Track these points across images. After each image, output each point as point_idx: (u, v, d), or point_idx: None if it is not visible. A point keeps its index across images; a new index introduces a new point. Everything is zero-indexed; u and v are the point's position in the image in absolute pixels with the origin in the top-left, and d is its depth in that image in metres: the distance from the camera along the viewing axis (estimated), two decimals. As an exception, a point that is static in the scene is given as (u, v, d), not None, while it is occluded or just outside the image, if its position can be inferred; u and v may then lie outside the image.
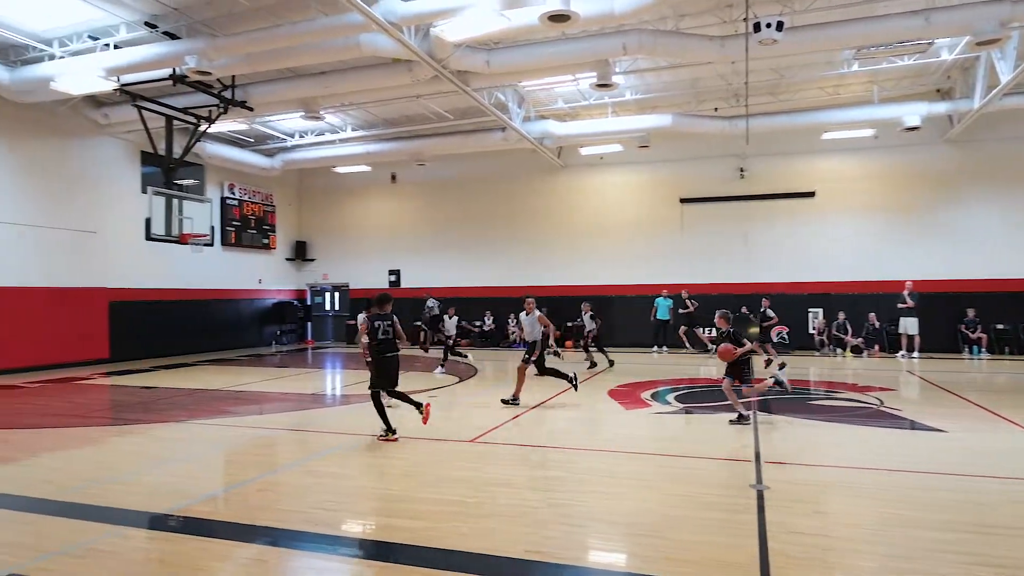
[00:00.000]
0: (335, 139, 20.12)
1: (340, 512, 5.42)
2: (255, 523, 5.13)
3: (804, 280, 19.17)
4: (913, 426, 8.36)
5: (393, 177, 23.62)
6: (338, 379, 14.85)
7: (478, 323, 21.98)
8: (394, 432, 8.00)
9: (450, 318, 15.20)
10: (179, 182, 15.85)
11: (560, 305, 20.33)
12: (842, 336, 18.12)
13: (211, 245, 16.45)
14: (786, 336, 18.17)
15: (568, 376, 10.33)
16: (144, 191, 16.27)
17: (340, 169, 22.27)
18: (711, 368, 15.06)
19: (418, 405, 8.23)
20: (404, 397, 8.33)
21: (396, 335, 8.24)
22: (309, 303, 24.75)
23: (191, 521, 5.21)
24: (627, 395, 11.26)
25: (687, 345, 18.84)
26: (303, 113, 16.16)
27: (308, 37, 11.50)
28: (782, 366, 10.11)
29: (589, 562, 4.47)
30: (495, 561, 4.40)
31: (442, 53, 12.47)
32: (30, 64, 13.56)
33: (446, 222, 22.86)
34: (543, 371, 10.40)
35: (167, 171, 15.03)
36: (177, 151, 15.38)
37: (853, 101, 17.36)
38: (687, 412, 9.76)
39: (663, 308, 19.00)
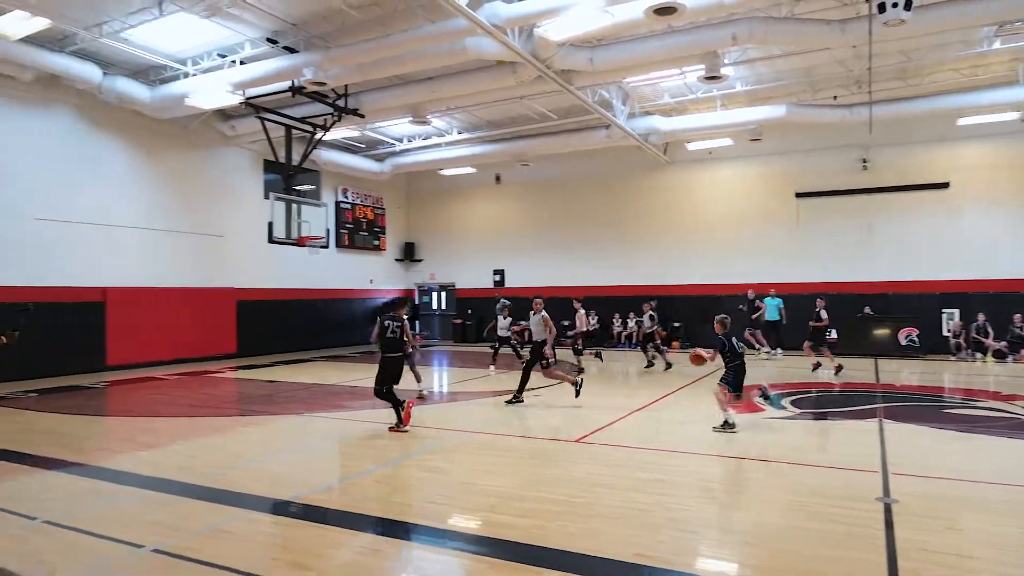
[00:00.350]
0: (441, 142, 20.64)
1: (450, 507, 5.54)
2: (369, 513, 5.34)
3: (936, 279, 17.74)
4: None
5: (497, 178, 23.94)
6: (444, 376, 15.21)
7: (592, 324, 21.81)
8: (403, 425, 8.52)
9: (504, 318, 15.12)
10: (297, 188, 16.76)
11: (669, 305, 19.88)
12: (982, 339, 16.58)
13: (326, 247, 17.30)
14: (916, 339, 16.88)
15: (575, 382, 10.33)
16: (266, 197, 17.36)
17: (446, 171, 22.81)
18: (830, 372, 14.24)
19: (399, 404, 8.59)
20: (392, 398, 8.70)
21: (404, 336, 8.74)
22: (417, 302, 25.52)
23: (310, 508, 5.49)
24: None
25: (755, 347, 17.74)
26: (411, 118, 16.70)
27: (415, 44, 11.85)
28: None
29: (702, 570, 4.32)
30: (603, 563, 4.35)
31: (545, 53, 12.49)
32: (167, 83, 14.78)
33: (550, 221, 22.91)
34: (527, 371, 10.51)
35: (287, 177, 15.95)
36: (295, 159, 16.29)
37: (994, 82, 15.86)
38: (805, 417, 9.28)
39: (771, 308, 18.17)
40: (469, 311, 23.87)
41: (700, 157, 20.48)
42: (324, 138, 16.91)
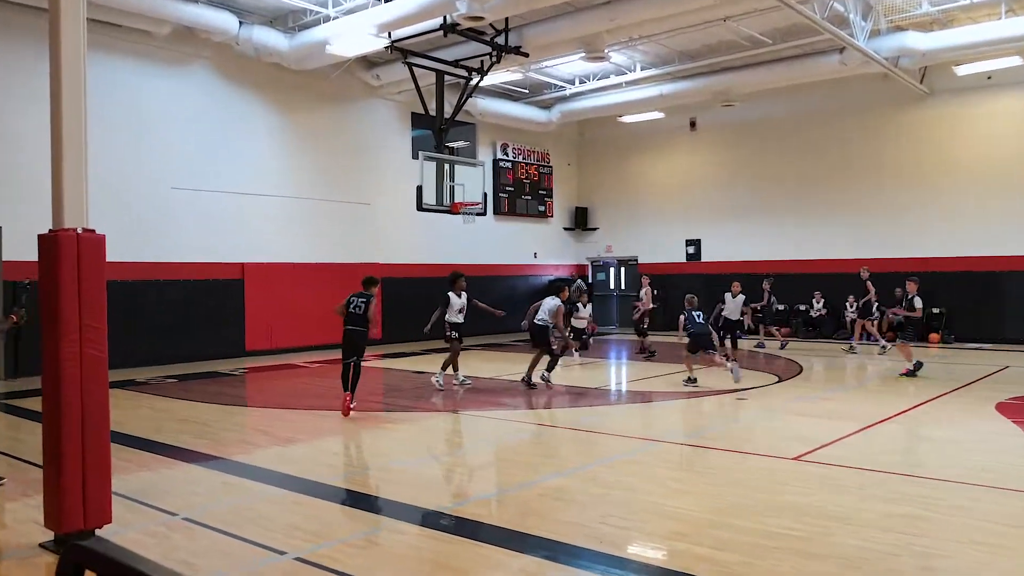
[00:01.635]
0: (621, 82, 20.43)
1: (630, 531, 5.50)
2: (532, 532, 5.43)
3: None
4: None
5: (692, 124, 23.31)
6: (624, 371, 15.17)
7: (803, 306, 20.81)
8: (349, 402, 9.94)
9: (584, 306, 15.31)
10: (450, 144, 17.38)
11: (932, 284, 18.22)
12: None
13: (483, 214, 17.77)
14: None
15: (539, 378, 12.35)
16: (415, 156, 18.18)
17: (627, 118, 22.58)
18: None
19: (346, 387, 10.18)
20: (352, 377, 10.33)
21: (367, 314, 10.54)
22: (591, 280, 25.64)
23: (464, 522, 5.69)
24: (1027, 412, 9.86)
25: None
26: (584, 54, 16.65)
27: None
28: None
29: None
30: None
31: (756, -43, 11.88)
32: (306, 28, 15.90)
33: (759, 178, 21.93)
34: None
35: (438, 133, 16.59)
36: (447, 110, 16.89)
37: None
38: None
39: None
40: (656, 292, 23.53)
41: (974, 84, 18.49)
42: (481, 84, 17.37)
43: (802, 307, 20.88)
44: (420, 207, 16.05)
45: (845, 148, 20.52)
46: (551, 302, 12.73)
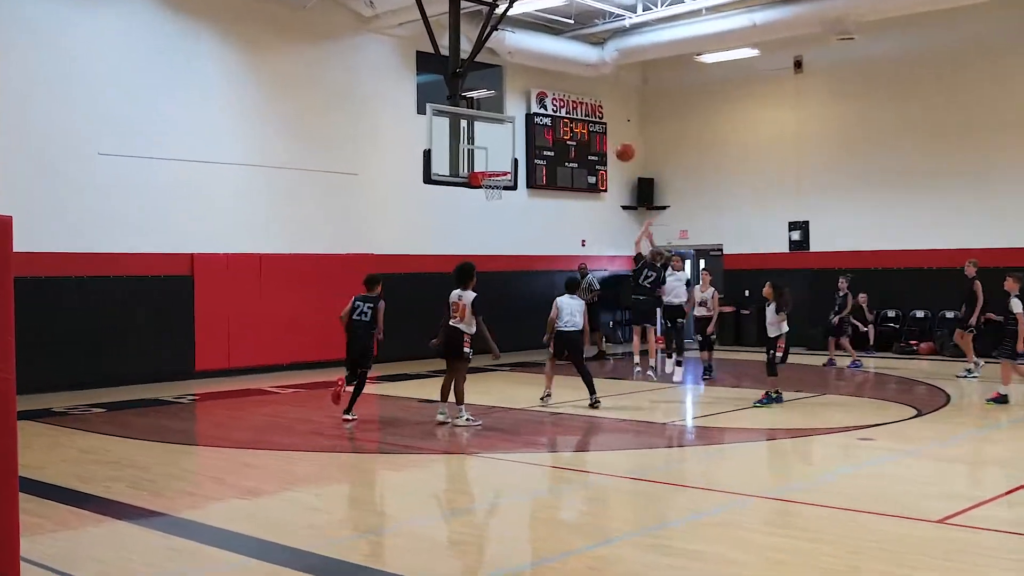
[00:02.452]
0: (701, 7, 20.30)
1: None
2: (581, 618, 5.41)
3: None
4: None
5: (797, 64, 23.14)
6: (702, 401, 15.06)
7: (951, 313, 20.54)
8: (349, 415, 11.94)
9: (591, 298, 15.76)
10: (469, 94, 17.30)
11: None
12: None
13: (512, 188, 17.63)
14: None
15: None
16: (421, 111, 18.18)
17: (708, 57, 22.44)
18: None
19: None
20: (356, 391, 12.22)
21: (374, 321, 12.14)
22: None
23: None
24: None
25: None
26: (648, -31, 16.56)
27: None
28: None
29: None
30: None
31: None
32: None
33: (891, 137, 21.70)
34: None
35: (452, 78, 16.56)
36: (465, 48, 16.84)
37: None
38: None
39: None
40: (747, 293, 23.39)
41: None
42: (511, 11, 17.28)
43: (950, 314, 20.59)
44: (428, 178, 16.01)
45: (1005, 97, 20.21)
46: (576, 302, 13.65)
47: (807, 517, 7.66)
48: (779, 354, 13.11)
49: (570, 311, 13.35)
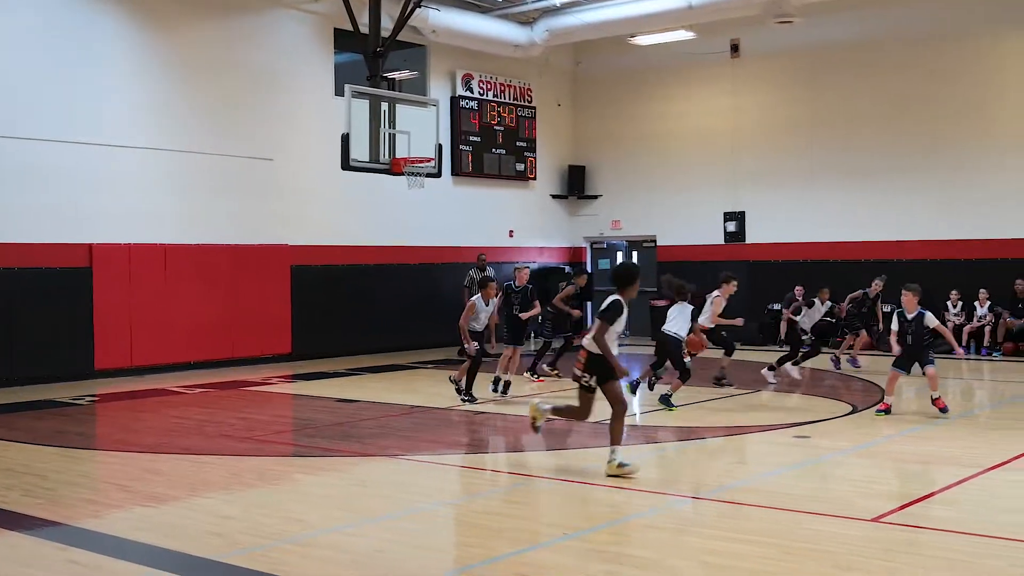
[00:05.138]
0: (633, -13, 20.47)
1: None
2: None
3: None
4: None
5: (734, 48, 23.44)
6: (636, 397, 15.22)
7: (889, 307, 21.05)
8: None
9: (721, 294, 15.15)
10: (390, 75, 17.21)
11: None
12: None
13: (436, 175, 17.67)
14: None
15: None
16: (339, 93, 18.04)
17: (642, 39, 22.62)
18: None
19: None
20: None
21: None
22: (590, 269, 25.66)
23: (412, 614, 5.69)
24: None
25: None
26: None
27: None
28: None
29: None
30: None
31: None
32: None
33: (831, 126, 22.14)
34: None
35: (372, 58, 16.48)
36: (387, 26, 16.74)
37: None
38: None
39: None
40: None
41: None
42: (434, -12, 17.24)
43: (887, 309, 21.09)
44: (347, 164, 15.95)
45: (945, 86, 20.79)
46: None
47: (742, 517, 7.78)
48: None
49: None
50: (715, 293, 14.67)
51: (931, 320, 12.21)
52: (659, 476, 9.71)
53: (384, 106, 16.24)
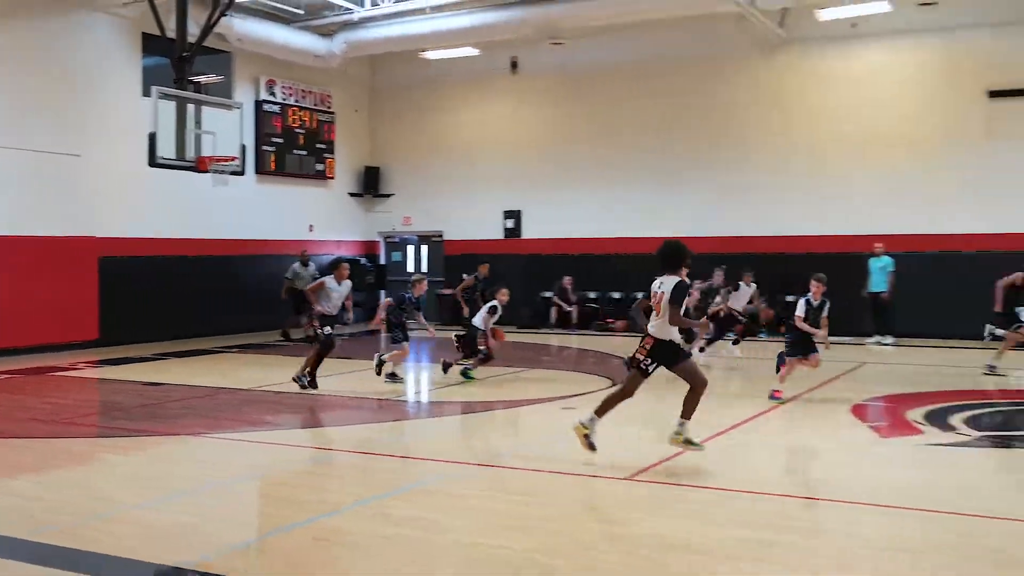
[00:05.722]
0: (425, 6, 20.41)
1: (431, 580, 5.57)
2: (305, 589, 5.37)
3: None
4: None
5: (514, 65, 23.75)
6: (425, 377, 15.26)
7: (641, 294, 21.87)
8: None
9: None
10: (197, 79, 16.61)
11: (787, 267, 19.66)
12: None
13: (240, 173, 17.24)
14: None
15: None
16: (147, 93, 17.29)
17: (432, 54, 22.64)
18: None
19: None
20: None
21: None
22: (384, 261, 25.55)
23: (213, 581, 5.52)
24: (884, 414, 11.08)
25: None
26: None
27: None
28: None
29: None
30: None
31: None
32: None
33: (595, 137, 22.75)
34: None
35: (179, 62, 15.87)
36: (193, 32, 16.16)
37: None
38: (984, 444, 9.48)
39: (878, 274, 18.84)
40: (464, 276, 23.86)
41: (837, 32, 20.16)
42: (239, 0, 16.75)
43: (640, 295, 21.89)
44: (153, 162, 15.37)
45: (696, 102, 21.69)
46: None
47: (519, 481, 7.94)
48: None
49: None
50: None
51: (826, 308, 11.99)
52: (444, 446, 9.77)
53: (191, 107, 15.70)
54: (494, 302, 13.65)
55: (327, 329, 12.59)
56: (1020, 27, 18.77)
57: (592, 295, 22.19)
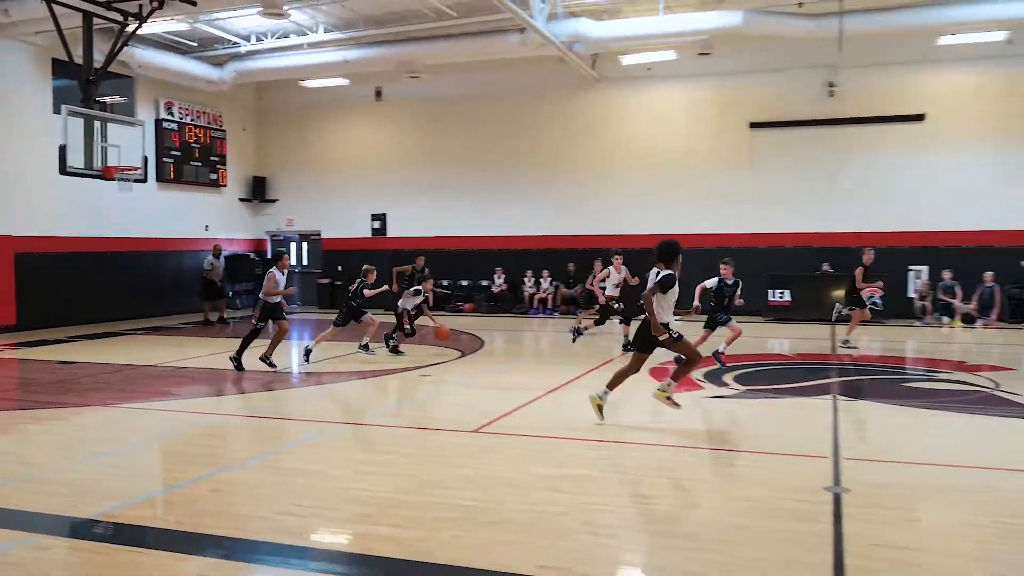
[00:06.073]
0: (303, 43, 19.94)
1: (312, 518, 5.53)
2: (205, 531, 5.26)
3: (906, 229, 18.96)
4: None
5: (378, 94, 23.50)
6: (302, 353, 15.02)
7: (485, 282, 22.11)
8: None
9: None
10: (102, 99, 15.75)
11: (575, 258, 20.45)
12: (949, 300, 18.05)
13: (143, 181, 16.44)
14: (879, 301, 18.03)
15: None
16: (57, 111, 16.28)
17: (310, 83, 22.18)
18: (785, 341, 15.11)
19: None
20: None
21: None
22: (270, 256, 24.94)
23: (124, 528, 5.34)
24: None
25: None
26: (261, 8, 16.00)
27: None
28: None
29: (622, 583, 4.56)
30: (500, 579, 4.50)
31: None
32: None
33: (446, 153, 22.80)
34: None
35: (86, 84, 15.00)
36: (99, 58, 15.33)
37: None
38: (750, 396, 9.89)
39: None
40: (340, 268, 23.58)
41: (637, 74, 20.82)
42: (141, 31, 15.96)
43: (484, 283, 22.18)
44: (64, 170, 14.48)
45: (526, 126, 22.05)
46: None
47: (385, 436, 7.99)
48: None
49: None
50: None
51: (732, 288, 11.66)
52: (323, 409, 9.67)
53: (97, 124, 14.90)
54: (419, 287, 13.49)
55: (261, 324, 11.94)
56: (773, 74, 19.87)
57: (444, 283, 22.24)
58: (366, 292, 13.14)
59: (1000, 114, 18.45)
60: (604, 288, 13.53)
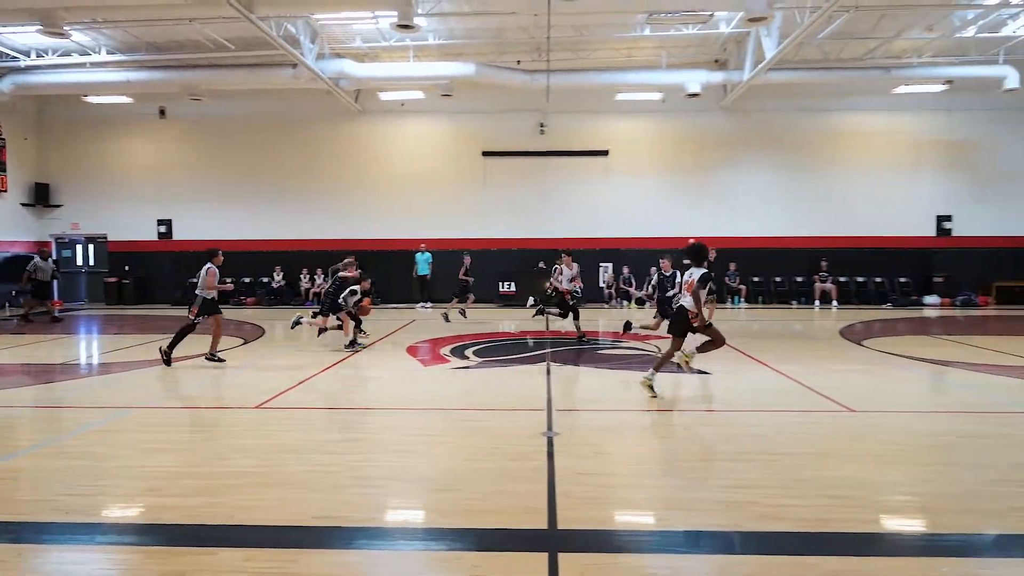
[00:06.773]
0: (85, 62, 17.60)
1: (99, 496, 4.92)
2: (-15, 518, 4.50)
3: (597, 236, 20.62)
4: (681, 370, 8.86)
5: (162, 112, 21.34)
6: (95, 344, 13.36)
7: (266, 279, 20.96)
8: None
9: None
10: None
11: (365, 260, 19.84)
12: (627, 289, 19.97)
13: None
14: (579, 290, 19.37)
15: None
16: None
17: (93, 99, 19.71)
18: (513, 323, 15.78)
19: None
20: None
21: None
22: (55, 257, 21.83)
23: None
24: (426, 351, 11.49)
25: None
26: (41, 27, 13.89)
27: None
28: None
29: (386, 522, 4.52)
30: (279, 531, 4.29)
31: (218, -28, 11.36)
32: None
33: (229, 167, 21.24)
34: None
35: None
36: None
37: (644, 64, 18.73)
38: (486, 366, 10.18)
39: (423, 264, 19.77)
40: (127, 267, 21.17)
41: (393, 108, 20.70)
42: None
43: (265, 279, 21.01)
44: None
45: (302, 146, 21.15)
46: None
47: (171, 416, 7.29)
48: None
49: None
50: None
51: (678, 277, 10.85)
52: (114, 395, 8.63)
53: None
54: (355, 287, 12.03)
55: (199, 319, 10.26)
56: (499, 114, 20.64)
57: (228, 279, 20.66)
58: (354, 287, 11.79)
59: (661, 152, 20.64)
60: (561, 282, 13.02)
